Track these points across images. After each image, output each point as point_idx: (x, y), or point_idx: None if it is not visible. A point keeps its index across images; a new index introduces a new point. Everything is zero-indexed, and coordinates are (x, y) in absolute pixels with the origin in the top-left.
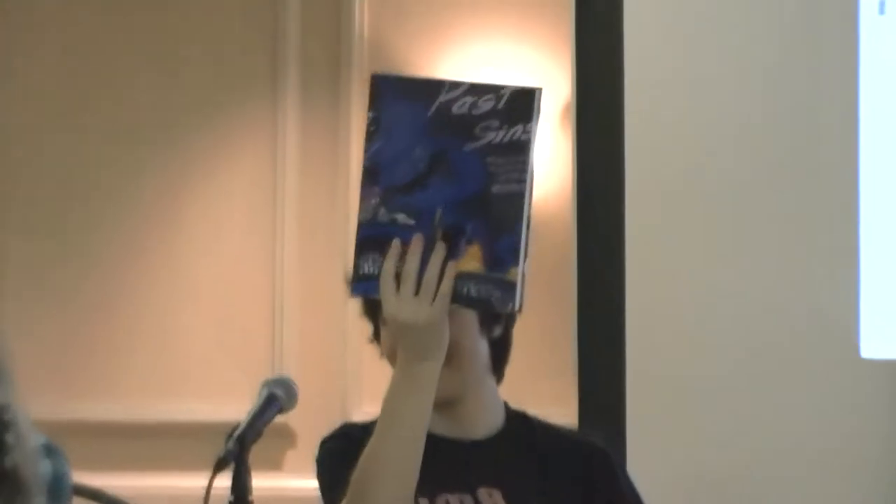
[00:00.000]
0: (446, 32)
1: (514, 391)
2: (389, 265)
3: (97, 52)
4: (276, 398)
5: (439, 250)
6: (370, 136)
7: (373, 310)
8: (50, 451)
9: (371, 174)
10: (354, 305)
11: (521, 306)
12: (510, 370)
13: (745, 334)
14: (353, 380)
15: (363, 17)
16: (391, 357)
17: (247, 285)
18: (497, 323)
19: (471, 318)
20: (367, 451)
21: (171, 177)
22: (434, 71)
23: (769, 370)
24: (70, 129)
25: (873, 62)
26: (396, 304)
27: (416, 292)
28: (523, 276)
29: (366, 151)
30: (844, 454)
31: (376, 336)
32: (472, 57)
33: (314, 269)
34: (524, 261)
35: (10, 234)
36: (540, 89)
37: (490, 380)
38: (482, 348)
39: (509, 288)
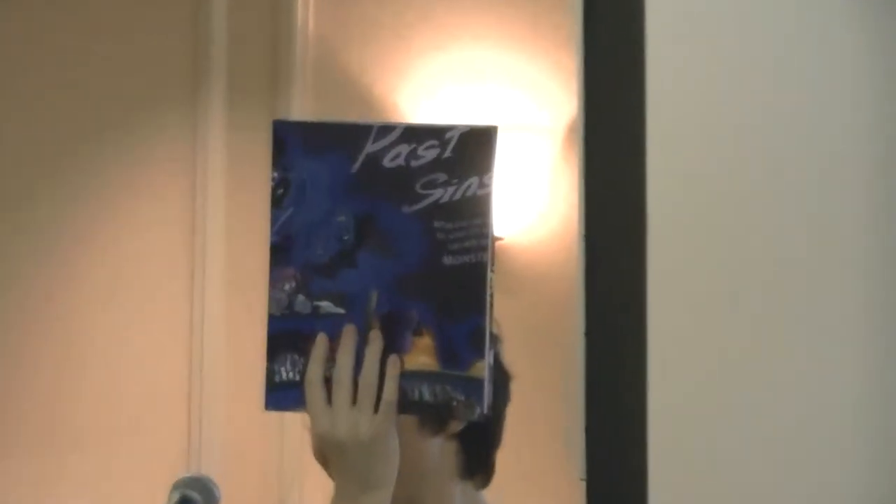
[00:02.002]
0: (413, 36)
1: (504, 498)
2: (315, 368)
3: None
4: (192, 503)
5: (375, 343)
6: (277, 202)
7: None
8: None
9: (282, 252)
10: None
11: (489, 409)
12: (497, 473)
13: (795, 425)
14: (291, 479)
15: (307, 14)
16: (321, 460)
17: (159, 358)
18: (453, 419)
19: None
20: None
21: (67, 220)
22: (398, 85)
23: (817, 468)
24: None
25: None
26: (329, 418)
27: (354, 401)
28: (491, 370)
29: (273, 223)
30: None
31: None
32: (445, 68)
33: (243, 336)
34: (490, 351)
35: None
36: (495, 128)
37: (458, 485)
38: (428, 450)
39: (474, 388)
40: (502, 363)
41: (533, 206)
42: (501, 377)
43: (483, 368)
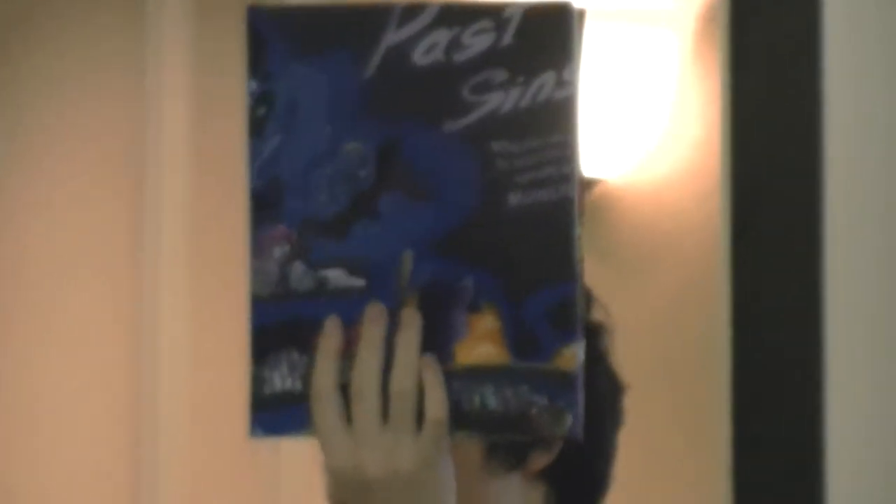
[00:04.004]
0: None
1: None
2: (325, 371)
3: None
4: None
5: (412, 329)
6: (258, 128)
7: None
8: None
9: (268, 202)
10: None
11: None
12: None
13: None
14: None
15: None
16: None
17: (88, 369)
18: (537, 448)
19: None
20: None
21: None
22: None
23: None
24: None
25: None
26: (350, 446)
27: (385, 418)
28: (583, 364)
29: (252, 159)
30: None
31: None
32: None
33: (214, 330)
34: (583, 340)
35: None
36: (581, 11)
37: None
38: (501, 496)
39: (563, 386)
40: (611, 367)
41: (651, 133)
42: (610, 388)
43: (574, 358)
